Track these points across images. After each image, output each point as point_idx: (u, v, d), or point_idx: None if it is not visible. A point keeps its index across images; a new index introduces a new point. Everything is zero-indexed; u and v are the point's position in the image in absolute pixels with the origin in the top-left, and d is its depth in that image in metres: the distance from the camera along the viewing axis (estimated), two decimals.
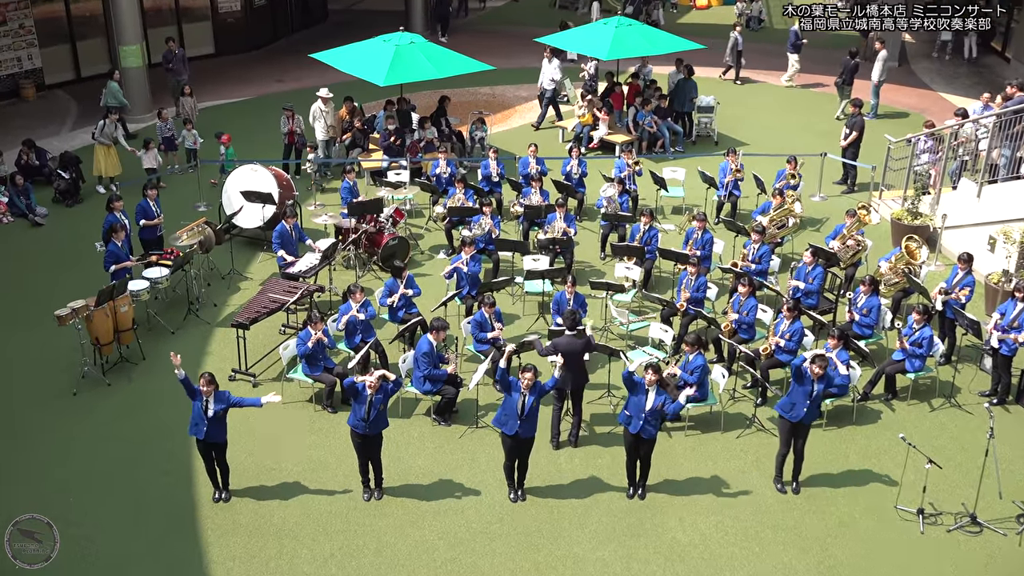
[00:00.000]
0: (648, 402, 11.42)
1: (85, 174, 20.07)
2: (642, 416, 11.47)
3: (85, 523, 11.43)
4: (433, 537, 11.42)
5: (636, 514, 11.78)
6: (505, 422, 11.55)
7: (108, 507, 11.77)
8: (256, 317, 14.12)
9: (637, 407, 11.50)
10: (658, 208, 19.35)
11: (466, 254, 15.18)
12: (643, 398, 11.42)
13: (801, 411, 11.69)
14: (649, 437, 11.63)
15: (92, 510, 11.71)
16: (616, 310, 14.85)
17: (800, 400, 11.69)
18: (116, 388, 13.97)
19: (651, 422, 11.52)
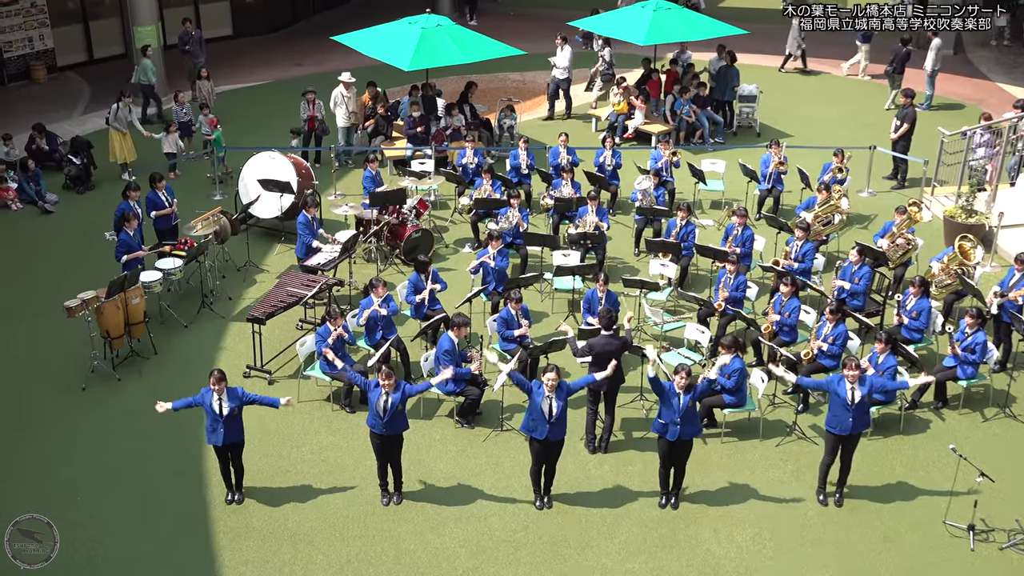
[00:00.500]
0: (679, 405, 11.38)
1: (97, 160, 20.24)
2: (676, 421, 11.43)
3: (92, 524, 11.54)
4: (454, 545, 11.44)
5: (668, 524, 11.75)
6: (534, 428, 11.54)
7: (116, 507, 11.88)
8: (272, 311, 14.20)
9: (669, 413, 11.47)
10: (696, 202, 19.28)
11: (493, 248, 15.19)
12: (674, 401, 11.39)
13: (847, 423, 11.63)
14: (689, 439, 11.60)
15: (100, 510, 11.82)
16: (650, 309, 14.82)
17: (842, 412, 11.62)
18: (126, 383, 14.09)
19: (690, 422, 11.48)
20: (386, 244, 17.34)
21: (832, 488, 12.11)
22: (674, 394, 11.40)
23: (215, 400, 11.39)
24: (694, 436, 11.65)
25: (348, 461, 12.67)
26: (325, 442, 13.04)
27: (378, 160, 18.37)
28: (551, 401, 11.33)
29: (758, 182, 18.68)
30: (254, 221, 18.00)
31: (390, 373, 11.42)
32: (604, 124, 22.67)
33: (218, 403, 11.38)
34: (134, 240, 15.21)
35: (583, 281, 16.03)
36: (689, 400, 11.40)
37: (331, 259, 15.79)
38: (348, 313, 14.51)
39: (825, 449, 11.98)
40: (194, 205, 18.19)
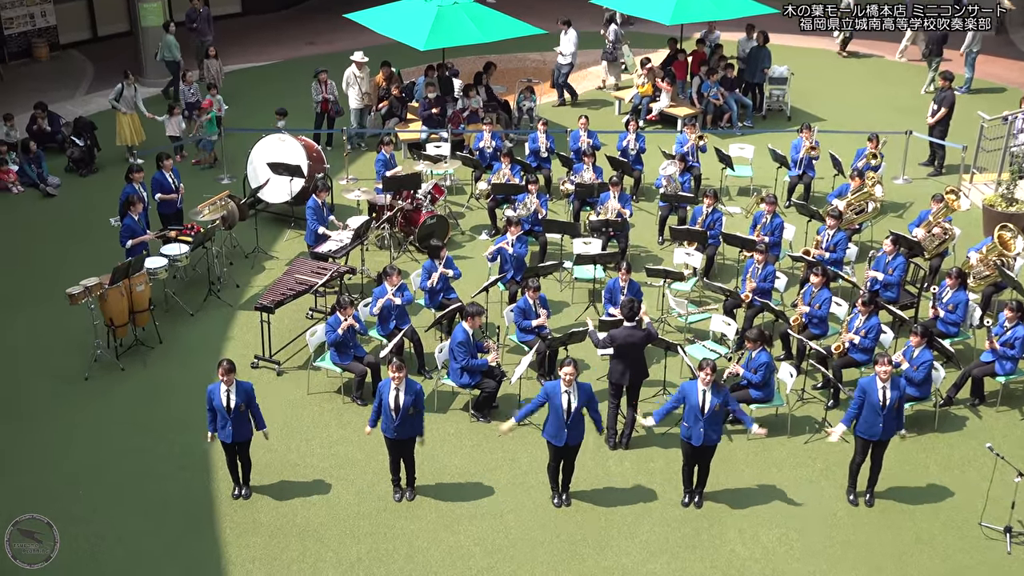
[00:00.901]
0: (705, 404, 11.36)
1: (101, 141, 20.33)
2: (701, 424, 11.41)
3: (95, 519, 11.62)
4: (469, 543, 11.48)
5: (692, 524, 11.76)
6: (555, 434, 11.57)
7: (120, 501, 11.97)
8: (281, 300, 14.25)
9: (694, 413, 11.44)
10: (723, 189, 19.23)
11: (512, 234, 15.20)
12: (697, 402, 11.36)
13: (877, 428, 11.59)
14: (712, 444, 11.60)
15: (102, 504, 11.91)
16: (674, 300, 14.81)
17: (873, 417, 11.59)
18: (130, 373, 14.18)
19: (713, 427, 11.47)
20: (400, 230, 17.37)
21: (863, 488, 12.08)
22: (697, 400, 11.38)
23: (223, 393, 11.43)
24: (717, 440, 11.63)
25: (359, 455, 12.73)
26: (335, 435, 13.10)
27: (392, 143, 18.39)
28: (569, 396, 11.33)
29: (788, 168, 18.61)
30: (263, 206, 18.05)
31: (401, 365, 11.43)
32: (627, 106, 22.61)
33: (226, 396, 11.43)
34: (139, 225, 15.27)
35: (604, 270, 16.02)
36: (717, 404, 11.38)
37: (343, 246, 15.83)
38: (360, 302, 14.56)
39: (855, 448, 11.96)
40: (201, 189, 18.26)
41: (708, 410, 11.35)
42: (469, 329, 13.02)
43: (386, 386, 11.50)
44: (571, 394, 11.32)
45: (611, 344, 12.64)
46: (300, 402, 13.69)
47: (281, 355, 14.46)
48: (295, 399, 13.75)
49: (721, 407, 11.42)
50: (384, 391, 11.50)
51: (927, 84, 23.93)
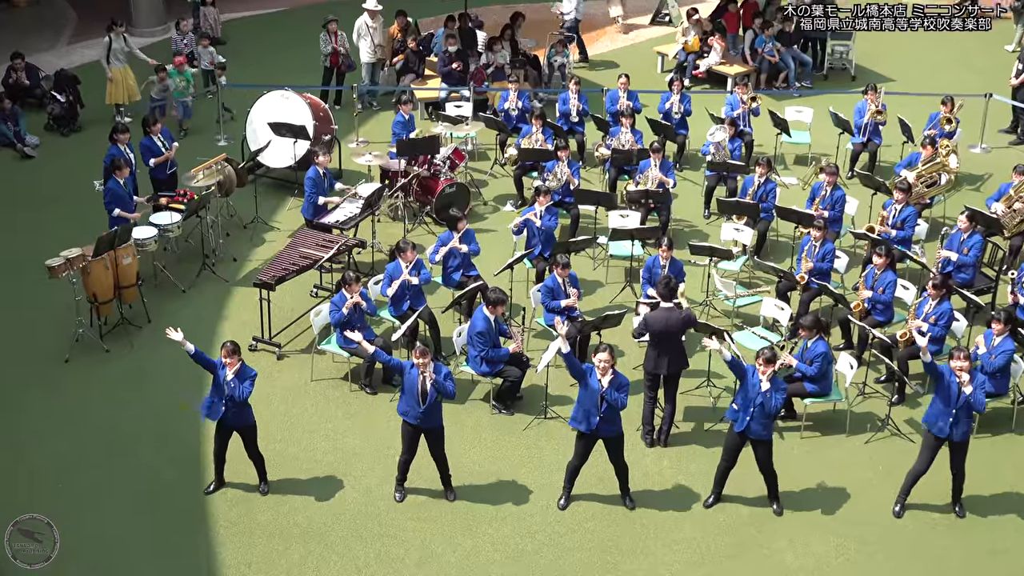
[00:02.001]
0: (757, 396, 11.34)
1: (85, 97, 20.39)
2: (749, 412, 11.41)
3: (74, 514, 11.70)
4: (488, 548, 11.53)
5: (736, 531, 11.77)
6: (581, 420, 11.57)
7: (101, 498, 12.07)
8: (283, 276, 14.30)
9: (745, 399, 11.44)
10: (778, 157, 19.14)
11: (540, 205, 15.19)
12: (756, 384, 11.34)
13: (946, 424, 11.56)
14: (758, 437, 11.58)
15: (83, 499, 12.01)
16: (721, 281, 14.78)
17: (944, 409, 11.54)
18: (115, 355, 14.28)
19: (759, 419, 11.46)
20: (415, 200, 17.39)
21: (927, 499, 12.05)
22: (757, 379, 11.35)
23: (227, 375, 11.46)
24: (763, 437, 11.61)
25: (367, 449, 12.79)
26: (342, 427, 13.17)
27: (409, 102, 18.39)
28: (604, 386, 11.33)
29: (851, 134, 18.50)
30: (263, 171, 18.10)
31: (425, 350, 11.47)
32: (671, 64, 22.52)
33: (226, 378, 11.46)
34: (125, 191, 15.33)
35: (643, 247, 16.00)
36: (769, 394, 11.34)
37: (351, 216, 15.87)
38: (370, 279, 14.60)
39: (922, 447, 11.84)
40: (195, 151, 18.31)
41: (759, 400, 11.33)
42: (491, 316, 13.04)
43: (414, 372, 11.48)
44: (605, 386, 11.32)
45: (646, 330, 12.63)
46: (303, 389, 13.76)
47: (282, 337, 14.53)
48: (297, 386, 13.82)
49: (770, 400, 11.37)
50: (408, 371, 11.50)
51: (1015, 42, 23.65)
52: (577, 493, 12.10)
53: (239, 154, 18.09)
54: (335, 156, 18.23)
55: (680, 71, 21.79)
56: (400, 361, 11.73)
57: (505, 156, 18.66)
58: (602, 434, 11.58)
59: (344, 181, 18.07)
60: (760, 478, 11.96)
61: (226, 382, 11.41)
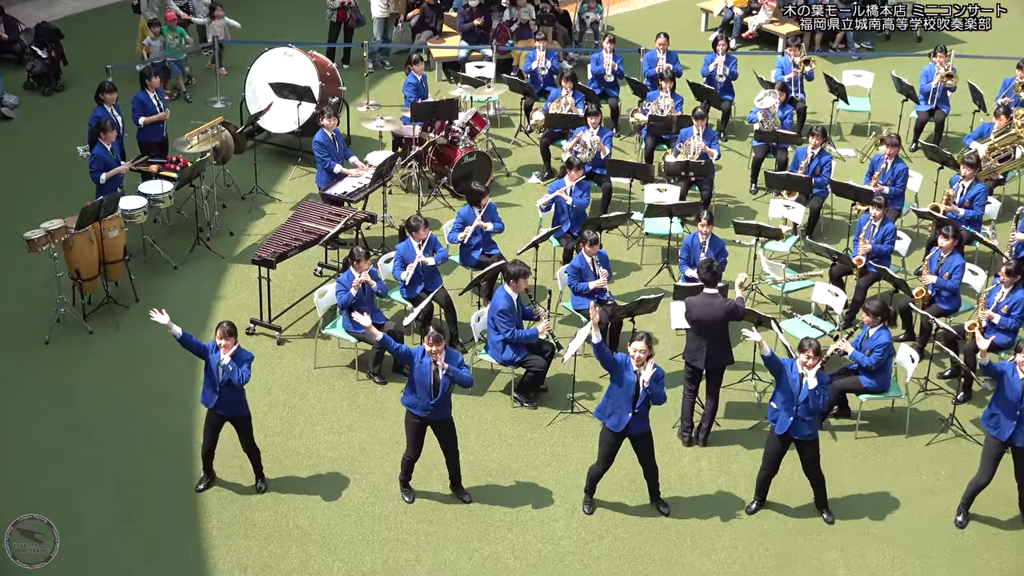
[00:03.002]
0: (800, 392, 11.29)
1: (68, 52, 20.40)
2: (794, 409, 11.36)
3: (54, 512, 11.60)
4: (507, 555, 11.55)
5: (782, 539, 11.75)
6: (611, 413, 11.55)
7: (82, 494, 12.12)
8: (284, 252, 14.32)
9: (787, 398, 11.39)
10: (834, 126, 19.05)
11: (570, 179, 15.15)
12: (795, 380, 11.29)
13: (1009, 428, 11.46)
14: (805, 438, 11.54)
15: (63, 495, 12.06)
16: (768, 263, 14.73)
17: (1008, 412, 11.44)
18: (100, 337, 14.34)
19: (807, 418, 11.42)
20: (431, 170, 17.37)
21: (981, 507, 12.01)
22: (796, 375, 11.30)
23: (220, 359, 11.48)
24: (811, 437, 11.57)
25: (375, 445, 12.82)
26: (347, 420, 13.20)
27: (424, 62, 18.35)
28: (640, 378, 11.28)
29: (916, 101, 18.40)
30: (264, 136, 18.11)
31: (439, 336, 11.46)
32: (716, 21, 22.42)
33: (220, 363, 11.47)
34: (112, 157, 15.36)
35: (683, 224, 15.95)
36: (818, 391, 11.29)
37: (360, 187, 15.86)
38: (381, 256, 14.60)
39: (981, 463, 11.72)
40: (189, 114, 18.35)
41: (803, 397, 11.28)
42: (513, 294, 13.03)
43: (427, 357, 11.44)
44: (641, 376, 11.29)
45: (687, 317, 12.60)
46: (305, 377, 13.79)
47: (283, 320, 14.57)
48: (299, 374, 13.85)
49: (818, 398, 11.32)
50: (419, 359, 11.48)
51: None
52: (606, 498, 12.10)
53: (237, 118, 18.08)
54: (343, 121, 18.22)
55: (726, 30, 21.68)
56: (411, 349, 11.73)
57: (531, 122, 18.61)
58: (632, 431, 11.56)
59: (354, 148, 18.06)
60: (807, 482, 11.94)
61: (222, 366, 11.42)
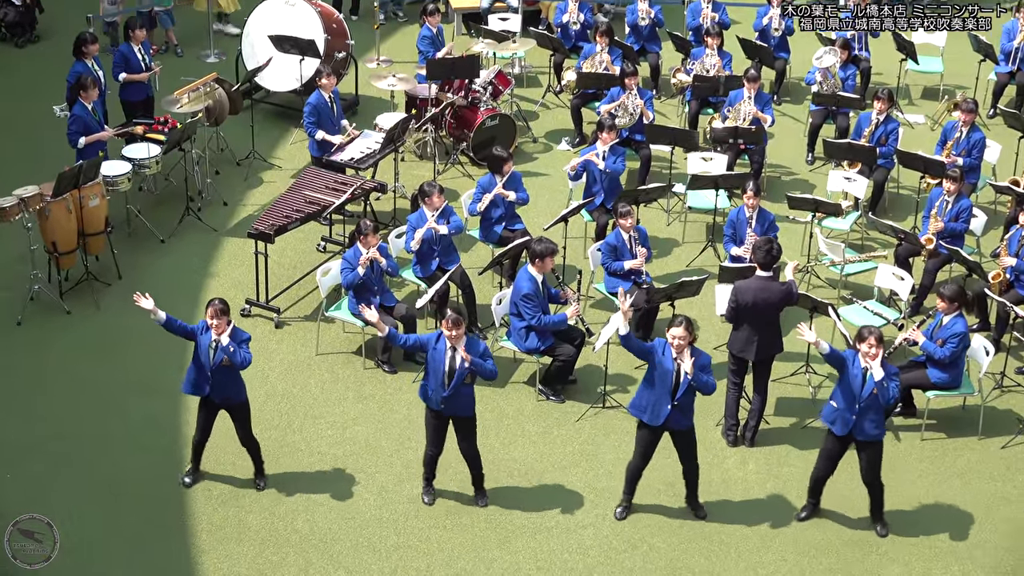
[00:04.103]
0: (863, 387, 11.25)
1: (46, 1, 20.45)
2: (856, 407, 11.33)
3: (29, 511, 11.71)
4: (529, 566, 11.56)
5: (837, 553, 11.74)
6: (646, 408, 11.52)
7: (58, 492, 12.16)
8: (284, 225, 14.35)
9: (848, 395, 11.36)
10: (901, 89, 18.97)
11: (603, 144, 15.13)
12: (858, 375, 11.26)
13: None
14: (868, 439, 11.51)
15: (38, 492, 12.11)
16: (826, 243, 14.68)
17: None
18: (78, 318, 14.40)
19: (872, 416, 11.39)
20: (448, 135, 17.37)
21: None
22: (859, 369, 11.25)
23: (211, 342, 11.52)
24: (875, 437, 11.54)
25: (383, 441, 12.85)
26: (353, 412, 13.23)
27: (441, 13, 18.32)
28: (680, 369, 11.28)
29: (996, 62, 18.32)
30: (262, 95, 18.13)
31: (459, 319, 11.42)
32: None
33: (213, 347, 11.52)
34: (93, 118, 15.39)
35: (730, 197, 15.92)
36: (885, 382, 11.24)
37: (369, 153, 15.87)
38: (391, 230, 14.61)
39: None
40: (178, 70, 18.35)
41: (866, 392, 11.25)
42: (538, 275, 13.02)
43: (442, 342, 11.44)
44: (681, 367, 11.29)
45: (735, 303, 12.56)
46: (306, 365, 13.83)
47: (281, 300, 14.60)
48: (299, 361, 13.90)
49: (887, 390, 11.28)
50: (433, 346, 11.49)
51: None
52: (640, 502, 12.11)
53: (232, 74, 18.13)
54: (351, 79, 18.24)
55: None
56: (423, 337, 11.71)
57: (561, 82, 18.58)
58: (672, 426, 11.56)
59: (362, 109, 18.10)
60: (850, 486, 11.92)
61: (221, 348, 11.40)
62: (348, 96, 18.06)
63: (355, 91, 18.26)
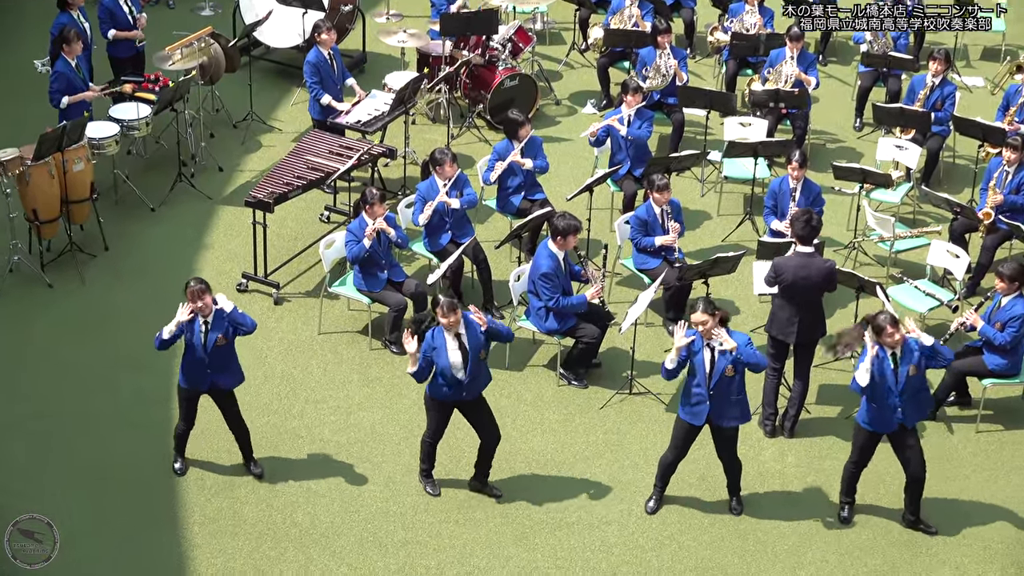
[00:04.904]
0: (897, 377, 11.25)
1: None
2: (896, 402, 11.33)
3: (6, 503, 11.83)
4: (548, 565, 11.58)
5: (884, 553, 11.74)
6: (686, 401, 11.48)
7: (38, 479, 12.21)
8: (285, 193, 14.36)
9: (881, 392, 11.34)
10: (959, 49, 18.90)
11: (627, 107, 15.12)
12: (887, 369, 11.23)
13: None
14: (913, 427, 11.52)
15: (15, 480, 12.16)
16: (875, 216, 14.66)
17: None
18: (61, 292, 14.44)
19: (915, 403, 11.38)
20: (464, 96, 17.36)
21: None
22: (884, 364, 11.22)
23: (200, 325, 11.54)
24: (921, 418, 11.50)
25: (392, 428, 12.89)
26: (358, 397, 13.27)
27: None
28: (714, 355, 11.28)
29: None
30: (261, 51, 18.13)
31: (453, 303, 11.36)
32: None
33: (203, 330, 11.57)
34: (78, 75, 15.41)
35: (770, 167, 15.89)
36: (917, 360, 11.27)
37: (377, 115, 15.88)
38: (401, 199, 14.62)
39: None
40: (170, 24, 18.36)
41: (902, 380, 11.24)
42: (559, 252, 13.04)
43: (439, 342, 11.40)
44: (715, 354, 11.28)
45: (775, 280, 12.56)
46: (307, 345, 13.87)
47: (281, 275, 14.64)
48: (300, 341, 13.94)
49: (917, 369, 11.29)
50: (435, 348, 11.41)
51: None
52: (670, 495, 12.15)
53: (229, 29, 18.12)
54: (357, 34, 18.23)
55: None
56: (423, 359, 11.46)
57: (587, 40, 18.55)
58: (713, 422, 11.52)
59: (370, 68, 18.08)
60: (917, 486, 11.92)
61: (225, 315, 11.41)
62: (355, 53, 18.08)
63: (362, 48, 18.26)
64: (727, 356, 11.22)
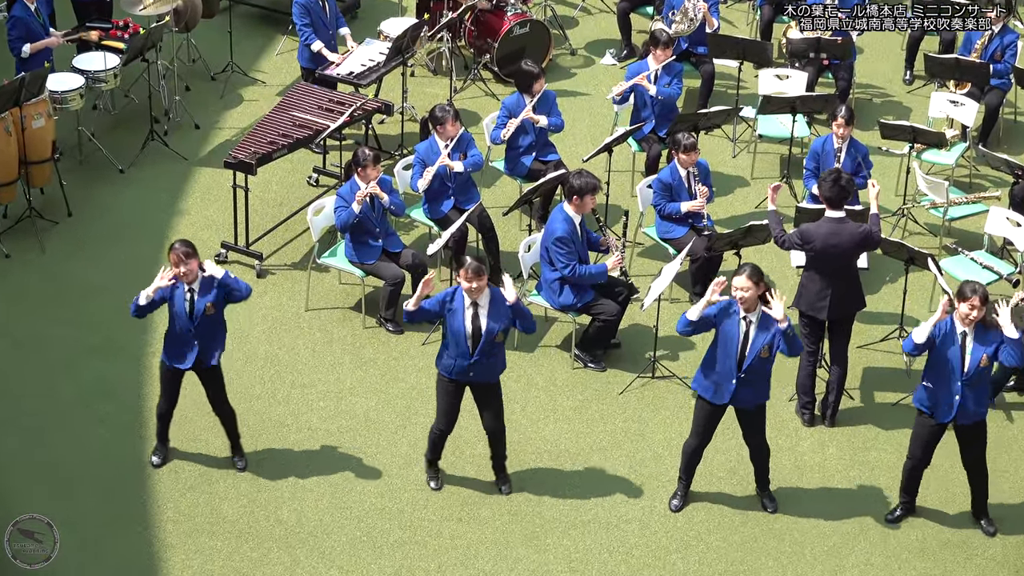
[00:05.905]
0: (965, 360, 11.26)
1: None
2: (956, 389, 11.31)
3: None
4: (561, 568, 11.60)
5: (935, 556, 11.75)
6: (710, 384, 11.45)
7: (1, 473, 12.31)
8: (268, 153, 14.35)
9: (946, 368, 11.33)
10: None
11: (655, 61, 15.09)
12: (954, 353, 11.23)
13: None
14: (972, 422, 11.51)
15: None
16: (926, 180, 14.64)
17: None
18: (18, 262, 14.47)
19: (977, 393, 11.38)
20: (468, 45, 17.34)
21: None
22: (952, 342, 11.20)
23: (184, 292, 11.50)
24: (978, 419, 11.53)
25: (386, 415, 12.91)
26: (350, 381, 13.29)
27: None
28: (750, 328, 11.24)
29: None
30: None
31: (479, 267, 11.31)
32: None
33: (188, 297, 11.54)
34: (37, 22, 15.39)
35: (810, 124, 15.87)
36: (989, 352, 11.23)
37: (372, 66, 15.86)
38: (398, 161, 14.61)
39: None
40: None
41: (971, 367, 11.23)
42: (575, 216, 13.03)
43: (458, 300, 11.39)
44: (752, 325, 11.23)
45: (804, 245, 12.49)
46: (294, 322, 13.88)
47: (264, 244, 14.66)
48: (286, 317, 13.95)
49: (988, 361, 11.25)
50: (452, 309, 11.42)
51: None
52: (697, 489, 12.16)
53: None
54: None
55: None
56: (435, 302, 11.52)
57: None
58: (739, 404, 11.56)
59: (364, 13, 18.05)
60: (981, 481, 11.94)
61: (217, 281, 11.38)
62: None
63: None
64: (766, 334, 11.16)
